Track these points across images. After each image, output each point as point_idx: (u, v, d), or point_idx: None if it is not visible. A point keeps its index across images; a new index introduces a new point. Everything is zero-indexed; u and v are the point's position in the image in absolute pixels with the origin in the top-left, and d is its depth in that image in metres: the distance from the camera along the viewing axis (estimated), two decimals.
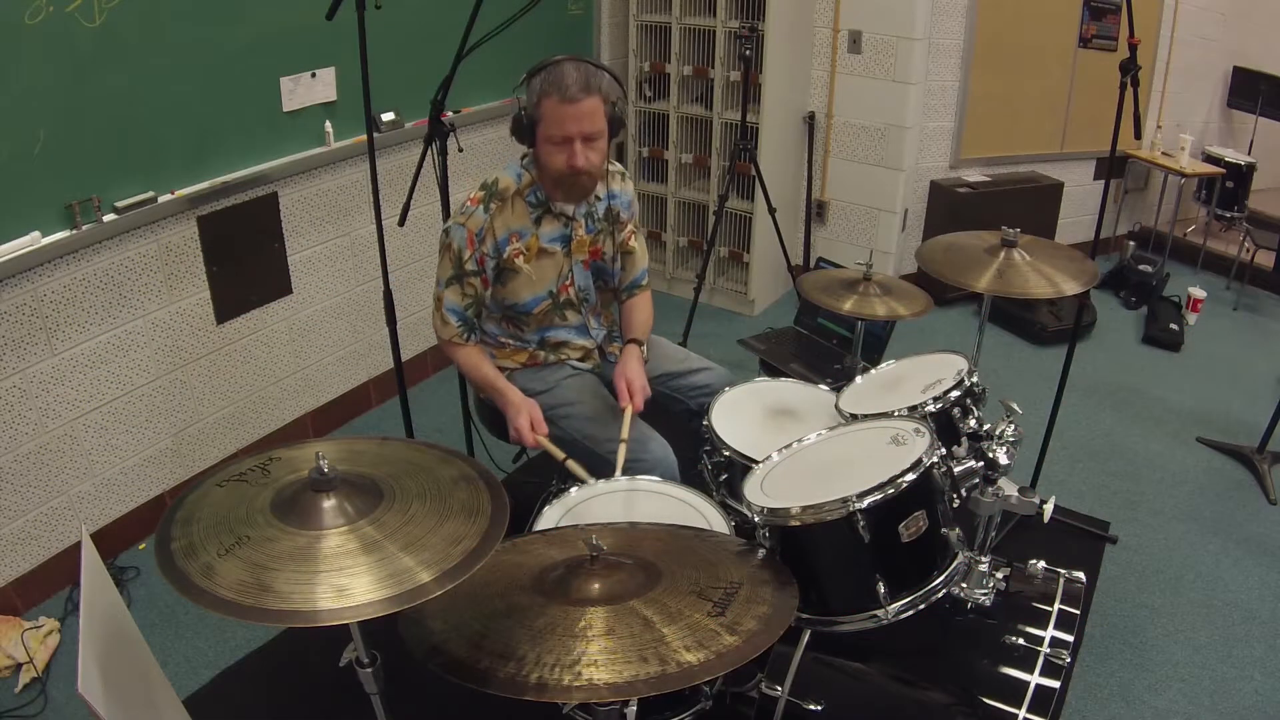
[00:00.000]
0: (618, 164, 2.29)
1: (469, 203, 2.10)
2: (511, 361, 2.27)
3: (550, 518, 1.81)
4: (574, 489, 1.90)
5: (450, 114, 2.40)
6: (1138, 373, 3.86)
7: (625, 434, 1.99)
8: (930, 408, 1.90)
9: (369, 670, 1.38)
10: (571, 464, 1.98)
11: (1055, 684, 1.62)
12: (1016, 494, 1.79)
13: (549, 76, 1.96)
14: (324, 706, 2.15)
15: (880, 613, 1.55)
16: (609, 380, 2.28)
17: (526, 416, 2.06)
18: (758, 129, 3.89)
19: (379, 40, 2.33)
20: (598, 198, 2.21)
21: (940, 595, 1.60)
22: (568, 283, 2.21)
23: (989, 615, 1.73)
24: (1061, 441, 3.08)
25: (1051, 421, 2.77)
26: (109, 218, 2.41)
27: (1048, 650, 1.66)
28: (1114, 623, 2.45)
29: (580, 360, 2.30)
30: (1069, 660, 1.65)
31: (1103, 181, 2.70)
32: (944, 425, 1.92)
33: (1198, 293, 4.25)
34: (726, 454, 2.03)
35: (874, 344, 3.16)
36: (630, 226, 2.30)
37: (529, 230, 2.12)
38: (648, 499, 1.88)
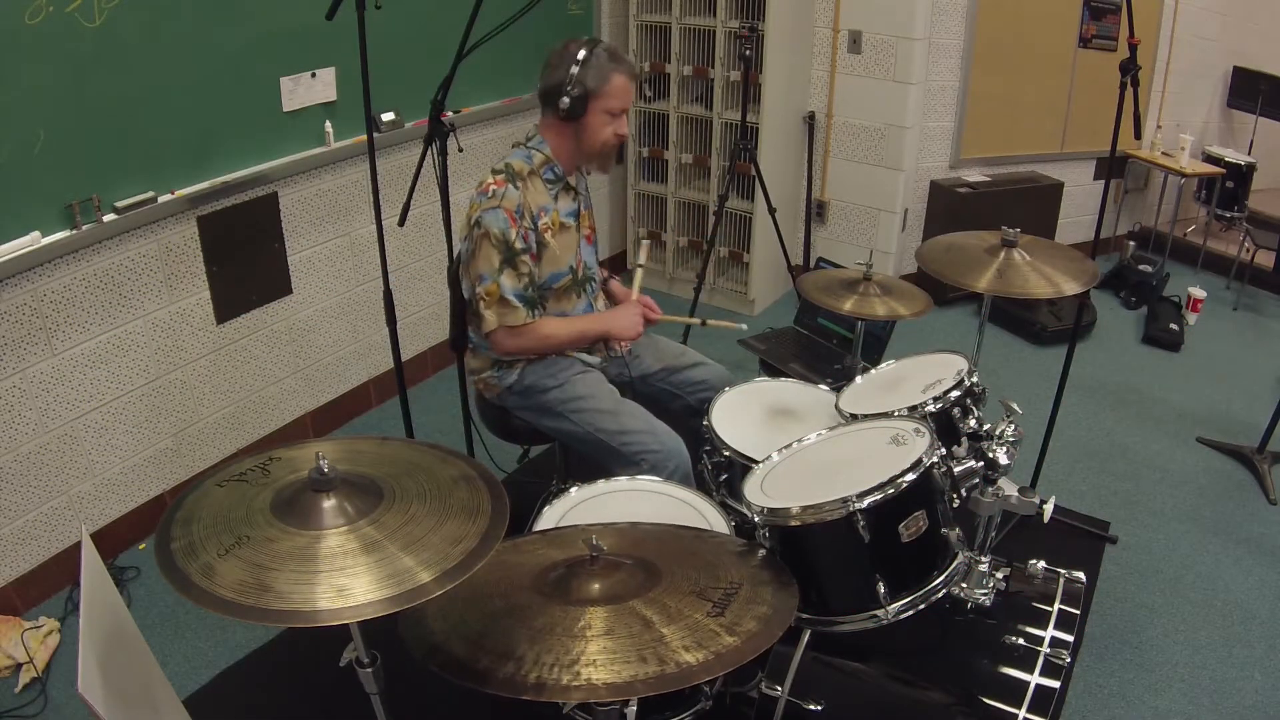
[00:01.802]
0: None
1: (493, 185, 2.08)
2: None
3: (550, 518, 1.81)
4: (574, 489, 1.90)
5: (450, 114, 2.40)
6: (1138, 373, 3.86)
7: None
8: (930, 408, 1.90)
9: (369, 670, 1.38)
10: (712, 322, 2.36)
11: (1055, 684, 1.62)
12: (1016, 494, 1.79)
13: (612, 55, 2.07)
14: (324, 706, 2.15)
15: (880, 613, 1.55)
16: (613, 377, 2.30)
17: (633, 307, 2.24)
18: (758, 129, 3.90)
19: (379, 40, 2.33)
20: (583, 174, 2.30)
21: (940, 595, 1.60)
22: (579, 259, 2.25)
23: (989, 615, 1.73)
24: (1061, 441, 3.08)
25: (1051, 421, 2.77)
26: (109, 218, 2.41)
27: (1048, 650, 1.66)
28: (1114, 623, 2.45)
29: (588, 352, 2.30)
30: (1069, 660, 1.65)
31: (1103, 181, 2.70)
32: (944, 425, 1.91)
33: (1198, 293, 4.25)
34: (726, 454, 2.03)
35: (874, 344, 3.16)
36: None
37: (550, 206, 2.17)
38: (647, 499, 1.88)
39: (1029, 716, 1.58)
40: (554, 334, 2.17)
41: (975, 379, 2.01)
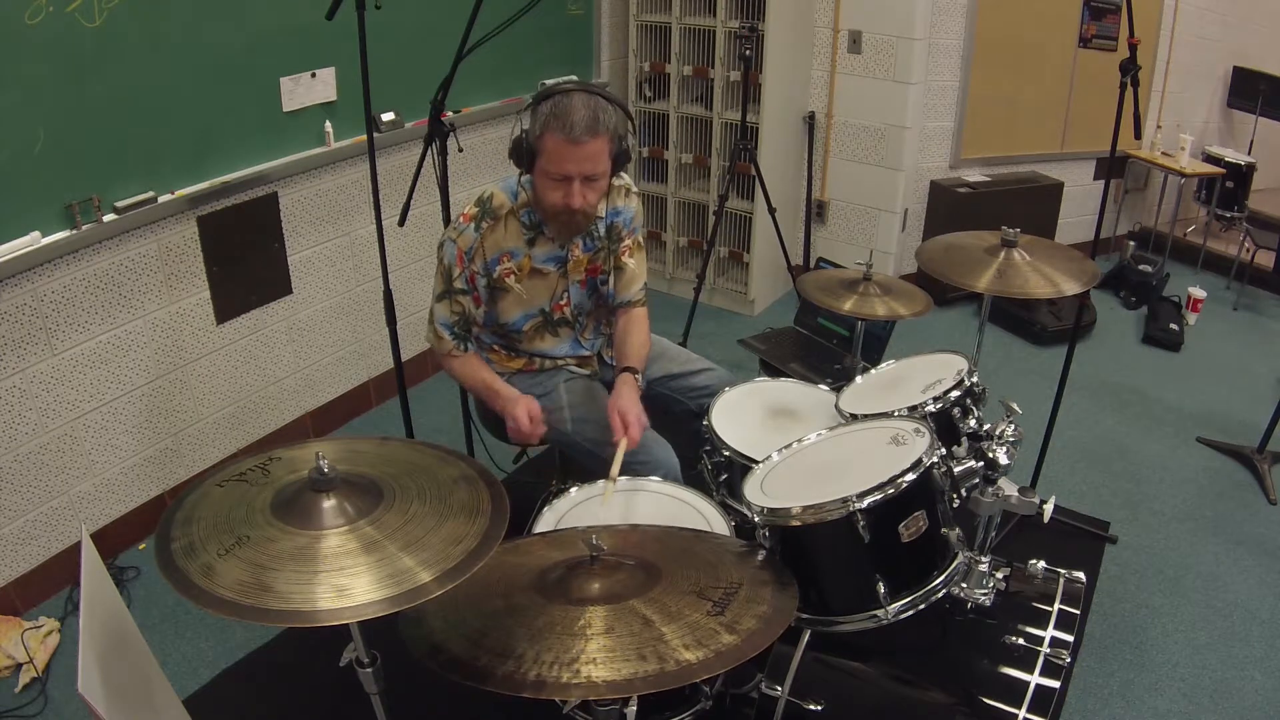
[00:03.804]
0: (625, 177, 2.21)
1: (462, 219, 2.06)
2: (507, 367, 2.26)
3: (550, 518, 1.81)
4: (574, 489, 1.90)
5: (450, 114, 2.40)
6: (1138, 373, 3.85)
7: (614, 473, 1.85)
8: (930, 408, 1.90)
9: (369, 670, 1.39)
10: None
11: (1055, 684, 1.62)
12: (1016, 494, 1.79)
13: (556, 109, 1.85)
14: (324, 706, 2.15)
15: (880, 613, 1.55)
16: (608, 382, 2.28)
17: (524, 409, 2.01)
18: (758, 129, 3.89)
19: (379, 40, 2.33)
20: (599, 217, 2.15)
21: (940, 595, 1.60)
22: (562, 302, 2.18)
23: (989, 615, 1.73)
24: (1061, 441, 3.08)
25: (1051, 421, 2.76)
26: (109, 218, 2.41)
27: (1048, 650, 1.66)
28: (1114, 623, 2.45)
29: (578, 366, 2.30)
30: (1069, 660, 1.65)
31: (1103, 181, 2.70)
32: (944, 425, 1.92)
33: (1198, 293, 4.25)
34: (726, 454, 2.03)
35: (874, 344, 3.16)
36: (628, 242, 2.22)
37: (521, 251, 2.09)
38: (648, 499, 1.88)
39: (1029, 716, 1.58)
40: (465, 377, 2.17)
41: (975, 379, 2.01)
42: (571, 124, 1.83)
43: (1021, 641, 1.68)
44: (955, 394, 1.93)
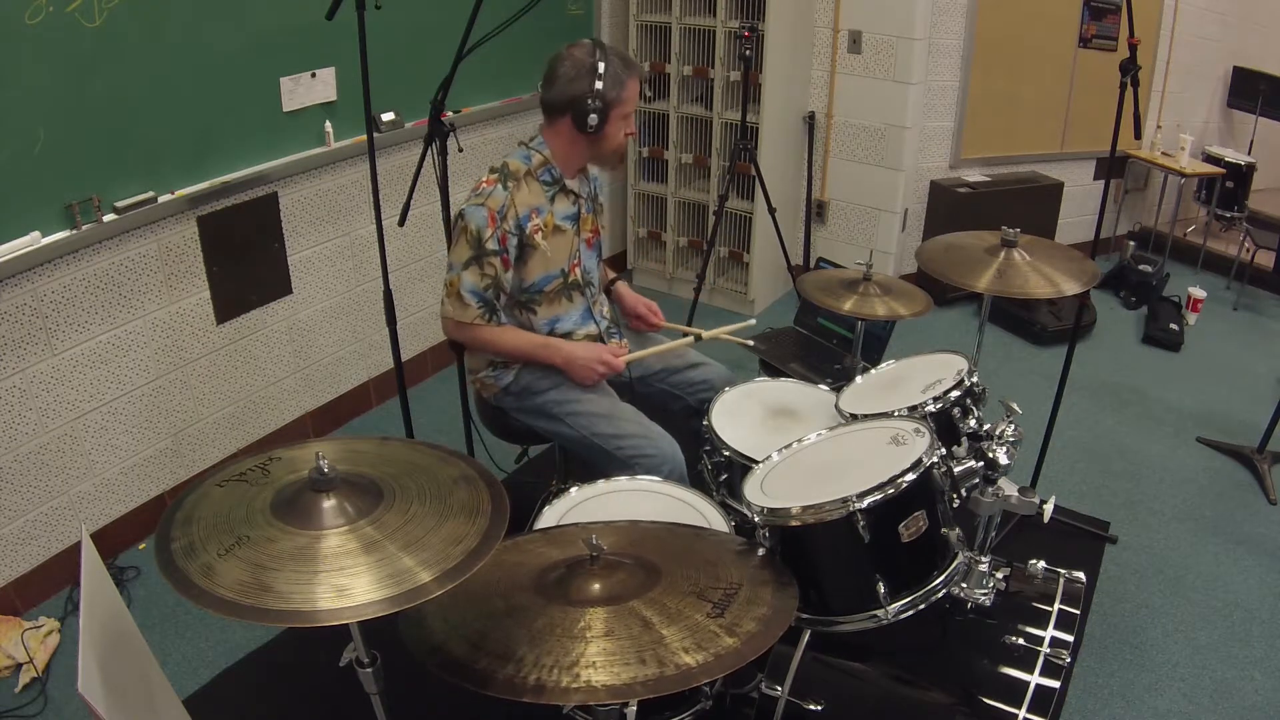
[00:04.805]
0: None
1: (485, 184, 2.08)
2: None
3: (550, 518, 1.81)
4: (574, 489, 1.90)
5: (450, 114, 2.40)
6: (1138, 373, 3.85)
7: (692, 337, 2.27)
8: (930, 408, 1.90)
9: (369, 670, 1.38)
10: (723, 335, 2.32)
11: (1055, 684, 1.62)
12: (1016, 494, 1.78)
13: (622, 59, 2.08)
14: (324, 706, 2.15)
15: (880, 613, 1.55)
16: (612, 379, 2.29)
17: (603, 349, 2.15)
18: (758, 129, 3.90)
19: (379, 40, 2.33)
20: (589, 178, 2.28)
21: (940, 595, 1.60)
22: (576, 262, 2.22)
23: (989, 615, 1.73)
24: (1061, 441, 3.08)
25: (1051, 421, 2.76)
26: (109, 218, 2.41)
27: (1048, 650, 1.66)
28: (1114, 623, 2.45)
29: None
30: (1069, 660, 1.65)
31: (1103, 181, 2.71)
32: (944, 425, 1.92)
33: (1198, 293, 4.25)
34: (726, 454, 2.03)
35: (874, 344, 3.16)
36: (601, 198, 2.38)
37: (546, 207, 2.14)
38: (648, 499, 1.88)
39: (1029, 716, 1.58)
40: (497, 341, 2.14)
41: (975, 379, 2.01)
42: (635, 63, 2.12)
43: (1021, 641, 1.68)
44: (955, 394, 1.93)
